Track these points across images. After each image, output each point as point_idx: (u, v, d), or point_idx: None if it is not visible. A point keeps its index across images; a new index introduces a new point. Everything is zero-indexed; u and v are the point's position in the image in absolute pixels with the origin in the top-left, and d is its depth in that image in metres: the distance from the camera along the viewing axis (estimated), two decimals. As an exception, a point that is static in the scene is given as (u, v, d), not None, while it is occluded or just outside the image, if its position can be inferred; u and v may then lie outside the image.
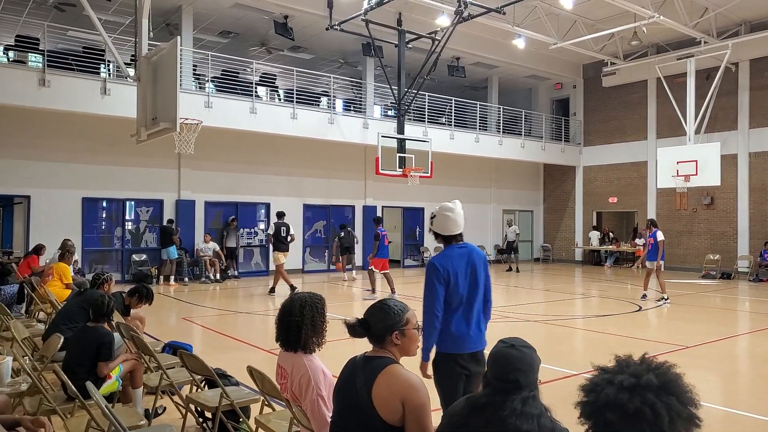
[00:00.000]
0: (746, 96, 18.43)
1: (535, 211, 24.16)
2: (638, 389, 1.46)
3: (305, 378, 2.91)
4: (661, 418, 1.43)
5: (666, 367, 1.54)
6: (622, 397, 1.46)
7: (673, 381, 1.50)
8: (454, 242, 3.60)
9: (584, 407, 1.55)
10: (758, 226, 18.22)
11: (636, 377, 1.49)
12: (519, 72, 21.33)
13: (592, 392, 1.53)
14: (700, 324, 10.35)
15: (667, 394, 1.46)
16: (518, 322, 10.07)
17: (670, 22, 15.63)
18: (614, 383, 1.49)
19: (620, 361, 1.59)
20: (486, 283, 3.58)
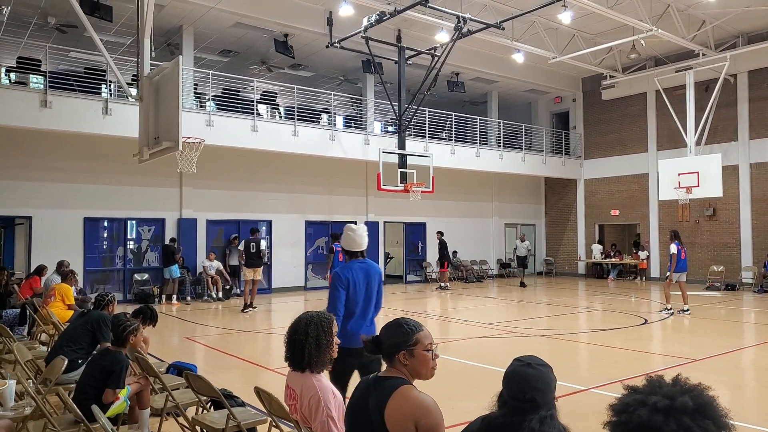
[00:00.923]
0: (745, 107, 18.50)
1: (537, 224, 24.13)
2: (673, 412, 1.40)
3: (315, 399, 2.86)
4: None
5: (701, 388, 1.49)
6: (657, 420, 1.40)
7: (709, 404, 1.44)
8: (356, 258, 4.40)
9: (615, 428, 1.47)
10: (761, 236, 18.17)
11: (670, 399, 1.43)
12: (518, 86, 21.44)
13: (624, 413, 1.46)
14: (707, 336, 10.27)
15: (704, 418, 1.40)
16: (524, 337, 9.99)
17: (668, 35, 15.74)
18: (647, 405, 1.43)
19: (652, 381, 1.52)
20: (378, 292, 4.42)
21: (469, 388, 6.59)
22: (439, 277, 18.59)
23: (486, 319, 11.79)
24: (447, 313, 13.32)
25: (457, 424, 2.43)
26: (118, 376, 4.23)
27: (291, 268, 17.52)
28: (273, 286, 17.17)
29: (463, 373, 7.50)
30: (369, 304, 4.33)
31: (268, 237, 17.24)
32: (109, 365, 4.24)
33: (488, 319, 11.79)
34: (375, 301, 4.38)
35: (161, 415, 4.62)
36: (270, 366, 7.83)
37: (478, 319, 11.82)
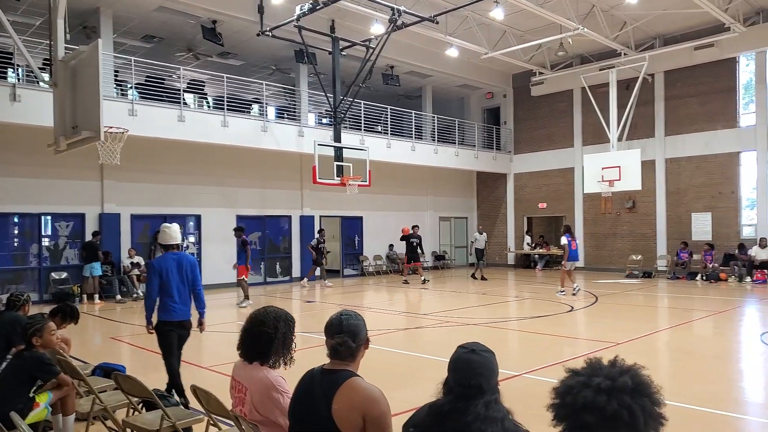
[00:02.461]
0: (662, 105, 19.60)
1: (469, 217, 24.65)
2: (615, 392, 1.47)
3: (270, 391, 2.85)
4: (637, 420, 1.45)
5: (637, 369, 1.57)
6: (600, 400, 1.46)
7: (645, 383, 1.53)
8: (171, 250, 5.46)
9: (559, 410, 1.53)
10: (674, 227, 19.36)
11: (612, 379, 1.50)
12: (452, 81, 21.75)
13: (568, 395, 1.52)
14: (627, 321, 10.82)
15: (641, 396, 1.49)
16: (458, 326, 10.15)
17: (592, 34, 16.40)
18: (591, 386, 1.49)
19: (592, 364, 1.59)
20: (193, 279, 5.52)
21: (404, 377, 6.62)
22: (404, 270, 18.25)
23: (421, 310, 11.89)
24: (383, 306, 13.34)
25: (397, 414, 2.41)
26: (48, 365, 3.94)
27: (221, 265, 17.01)
28: (203, 282, 16.60)
29: (398, 363, 7.52)
30: (184, 288, 5.42)
31: (197, 232, 16.66)
32: (30, 363, 3.92)
33: (424, 310, 11.89)
34: (190, 286, 5.48)
35: (87, 420, 4.33)
36: (204, 364, 7.55)
37: (415, 311, 11.90)
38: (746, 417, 5.34)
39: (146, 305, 5.42)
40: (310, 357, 2.63)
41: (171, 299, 5.35)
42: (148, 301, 5.40)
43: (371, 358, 7.95)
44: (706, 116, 18.74)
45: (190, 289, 5.50)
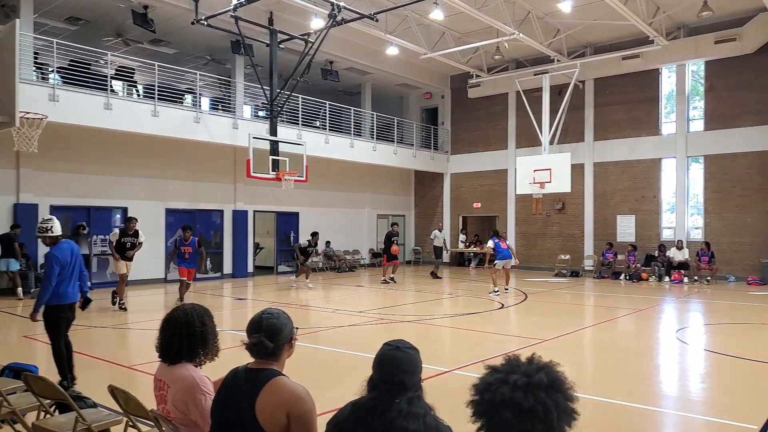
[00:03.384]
0: (591, 111, 20.43)
1: (407, 215, 24.85)
2: (531, 388, 1.51)
3: (192, 390, 2.77)
4: (551, 415, 1.49)
5: (552, 365, 1.61)
6: (517, 396, 1.50)
7: (559, 379, 1.57)
8: (62, 239, 5.85)
9: (478, 406, 1.56)
10: (600, 228, 20.23)
11: (528, 376, 1.54)
12: (391, 80, 21.83)
13: (487, 391, 1.55)
14: (555, 318, 11.20)
15: (555, 392, 1.53)
16: (392, 323, 10.18)
17: (527, 40, 16.86)
18: (509, 383, 1.53)
19: (510, 361, 1.63)
20: (81, 263, 6.00)
21: (338, 375, 6.59)
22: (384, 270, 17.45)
23: (357, 308, 11.86)
24: (318, 303, 13.22)
25: (327, 412, 2.38)
26: None
27: (149, 260, 16.35)
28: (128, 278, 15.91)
29: (333, 362, 7.46)
30: (74, 273, 5.85)
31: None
32: None
33: (359, 308, 11.87)
34: (79, 270, 5.94)
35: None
36: (125, 363, 7.20)
37: (349, 308, 11.86)
38: (661, 410, 5.62)
39: (44, 293, 5.62)
40: (241, 356, 2.53)
41: (67, 284, 5.74)
42: (48, 289, 5.61)
43: (305, 356, 7.86)
44: (632, 123, 19.69)
45: (79, 273, 5.97)
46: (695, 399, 5.98)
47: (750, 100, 17.34)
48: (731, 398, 5.85)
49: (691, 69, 18.93)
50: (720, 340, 9.28)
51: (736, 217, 17.75)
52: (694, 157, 18.76)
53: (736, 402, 5.66)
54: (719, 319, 11.24)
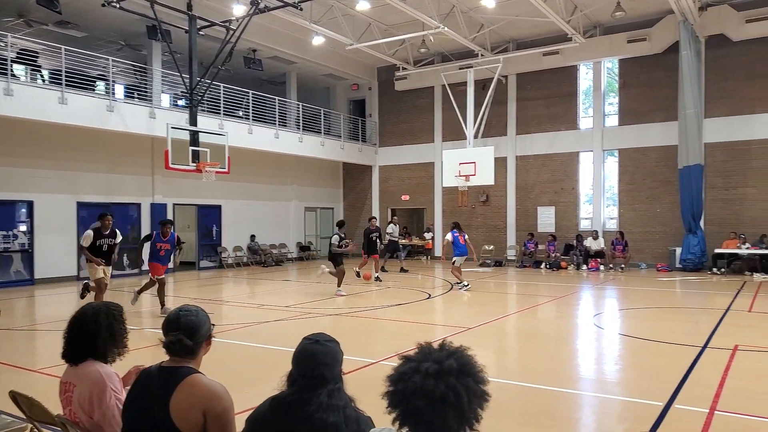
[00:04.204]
0: (513, 106, 20.98)
1: (335, 208, 24.65)
2: (442, 374, 1.53)
3: (99, 385, 2.66)
4: (461, 399, 1.51)
5: (462, 350, 1.63)
6: (429, 384, 1.52)
7: (469, 363, 1.59)
8: None
9: (392, 397, 1.58)
10: (522, 220, 20.87)
11: (439, 363, 1.55)
12: (317, 70, 21.50)
13: (400, 382, 1.57)
14: (479, 307, 11.41)
15: (465, 376, 1.55)
16: (320, 317, 10.01)
17: (452, 34, 17.05)
18: (420, 371, 1.54)
19: (423, 349, 1.64)
20: None
21: (262, 371, 6.42)
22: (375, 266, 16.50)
23: (283, 303, 11.60)
24: (243, 299, 12.83)
25: (249, 409, 2.25)
26: None
27: (60, 257, 15.33)
28: (36, 276, 14.87)
29: (256, 358, 7.24)
30: None
31: (29, 220, 14.82)
32: None
33: (286, 302, 11.61)
34: None
35: None
36: (29, 367, 6.65)
37: (276, 303, 11.58)
38: (579, 392, 5.78)
39: None
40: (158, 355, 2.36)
41: None
42: None
43: (228, 353, 7.56)
44: (551, 118, 20.39)
45: None
46: (609, 380, 6.20)
47: (659, 97, 18.36)
48: (642, 378, 6.11)
49: (607, 66, 19.82)
50: (632, 324, 9.75)
51: (647, 207, 18.78)
52: (609, 150, 19.68)
53: (646, 381, 5.92)
54: (632, 304, 11.83)
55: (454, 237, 13.67)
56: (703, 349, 7.13)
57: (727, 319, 9.33)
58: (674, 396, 5.20)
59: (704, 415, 4.68)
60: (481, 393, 1.58)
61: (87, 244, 9.48)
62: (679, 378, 5.79)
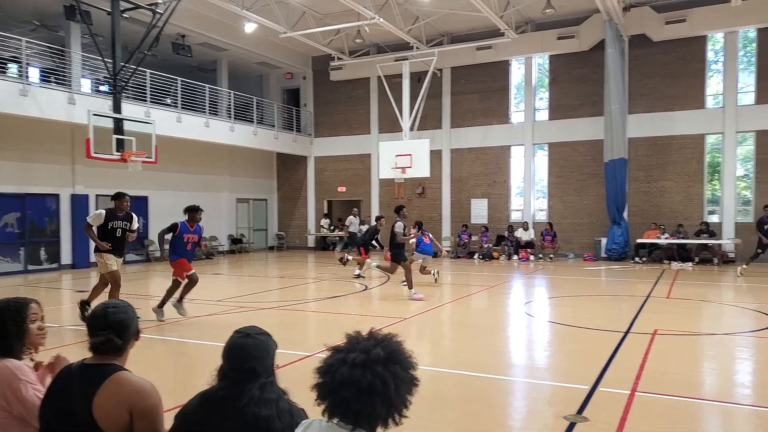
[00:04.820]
0: (448, 99, 21.22)
1: (269, 199, 24.17)
2: (369, 363, 1.54)
3: (7, 379, 2.50)
4: (389, 387, 1.53)
5: (390, 338, 1.64)
6: (356, 374, 1.53)
7: (396, 350, 1.61)
8: None
9: (321, 388, 1.59)
10: (457, 211, 21.21)
11: (366, 353, 1.56)
12: (250, 57, 20.95)
13: (328, 373, 1.58)
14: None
15: (393, 364, 1.56)
16: (254, 311, 9.77)
17: (387, 25, 17.00)
18: (347, 362, 1.56)
19: (351, 339, 1.65)
20: None
21: (193, 367, 6.25)
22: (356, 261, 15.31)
23: (215, 297, 11.25)
24: (171, 293, 12.33)
25: (180, 406, 2.13)
26: None
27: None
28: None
29: (188, 353, 6.98)
30: None
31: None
32: None
33: (218, 297, 11.27)
34: None
35: None
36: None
37: (207, 297, 11.20)
38: (512, 378, 5.89)
39: None
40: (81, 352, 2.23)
41: None
42: None
43: (156, 349, 7.23)
44: (485, 112, 20.77)
45: None
46: (540, 366, 6.36)
47: (587, 93, 19.05)
48: (569, 363, 6.31)
49: (538, 62, 20.37)
50: (561, 311, 10.08)
51: (575, 199, 19.51)
52: (539, 144, 20.27)
53: (574, 366, 6.11)
54: (560, 292, 12.24)
55: (418, 237, 13.40)
56: (626, 334, 7.45)
57: (648, 306, 9.81)
58: (599, 379, 5.39)
59: (626, 396, 4.86)
60: (409, 379, 1.59)
61: (96, 224, 7.86)
62: (604, 362, 6.00)
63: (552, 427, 4.33)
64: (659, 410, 4.68)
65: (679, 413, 4.68)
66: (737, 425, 4.58)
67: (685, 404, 4.87)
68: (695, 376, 5.84)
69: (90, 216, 8.14)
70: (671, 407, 4.77)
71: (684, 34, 17.53)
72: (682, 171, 18.22)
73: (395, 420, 1.60)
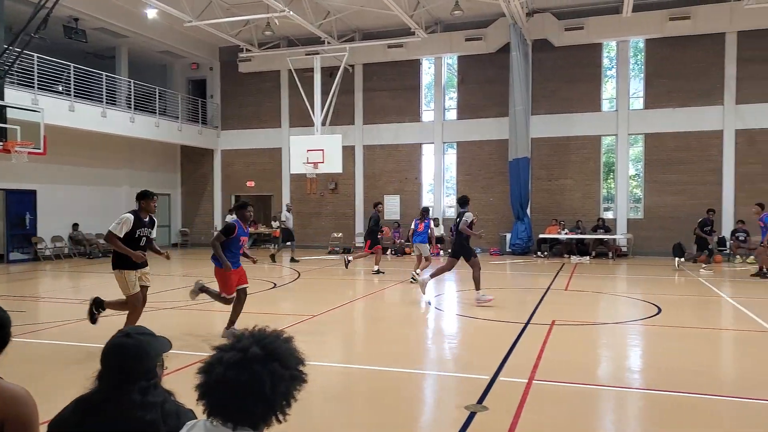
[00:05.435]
0: (360, 96, 21.23)
1: (172, 194, 23.12)
2: (245, 363, 1.52)
3: None
4: (264, 385, 1.50)
5: (273, 335, 1.61)
6: (231, 374, 1.51)
7: (278, 348, 1.58)
8: None
9: (200, 389, 1.57)
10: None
11: (243, 351, 1.54)
12: (152, 46, 19.91)
13: (206, 373, 1.56)
14: (326, 294, 11.37)
15: (272, 362, 1.54)
16: (152, 311, 9.24)
17: (298, 19, 16.72)
18: (224, 361, 1.54)
19: (234, 337, 1.62)
20: None
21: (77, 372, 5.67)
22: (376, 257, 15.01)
23: (111, 297, 10.54)
24: (63, 294, 11.47)
25: None
26: None
27: None
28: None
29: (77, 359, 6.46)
30: None
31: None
32: None
33: (115, 297, 10.57)
34: None
35: None
36: None
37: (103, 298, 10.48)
38: (419, 371, 5.93)
39: None
40: None
41: None
42: None
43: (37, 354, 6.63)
44: (396, 110, 20.98)
45: None
46: (446, 358, 6.47)
47: (493, 93, 19.70)
48: (473, 354, 6.47)
49: (447, 62, 20.82)
50: (468, 305, 10.32)
51: (482, 197, 20.13)
52: (449, 143, 20.74)
53: (477, 357, 6.27)
54: (467, 286, 12.54)
55: (414, 224, 13.33)
56: (526, 325, 7.74)
57: (547, 298, 10.29)
58: (500, 369, 5.55)
59: (524, 384, 5.03)
60: (290, 377, 1.56)
61: (122, 233, 6.34)
62: (505, 352, 6.19)
63: (453, 417, 4.38)
64: (555, 396, 4.88)
65: (574, 398, 4.90)
66: (627, 407, 4.86)
67: (580, 390, 5.10)
68: (589, 363, 6.15)
69: (115, 223, 6.44)
70: (566, 393, 4.99)
71: (582, 41, 18.56)
72: (581, 170, 19.31)
73: (278, 418, 1.58)
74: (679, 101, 18.26)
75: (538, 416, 4.38)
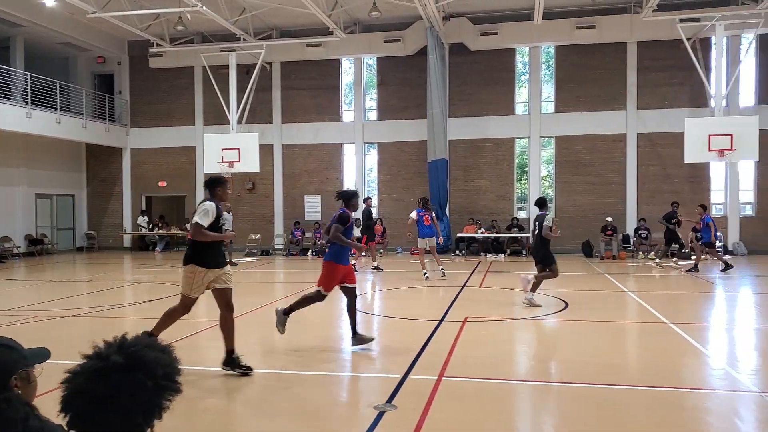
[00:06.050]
0: (279, 94, 20.85)
1: (77, 195, 21.75)
2: (105, 372, 1.45)
3: None
4: (121, 398, 1.44)
5: (139, 343, 1.54)
6: (88, 385, 1.44)
7: (143, 356, 1.50)
8: None
9: (60, 400, 1.48)
10: (290, 208, 20.95)
11: (104, 360, 1.47)
12: (52, 37, 18.62)
13: (67, 383, 1.48)
14: (242, 297, 10.89)
15: (135, 371, 1.46)
16: (51, 319, 8.61)
17: (212, 14, 16.18)
18: (83, 371, 1.47)
19: (99, 346, 1.55)
20: None
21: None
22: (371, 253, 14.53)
23: (5, 305, 9.74)
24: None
25: None
26: None
27: None
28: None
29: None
30: None
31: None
32: None
33: (8, 305, 9.77)
34: None
35: None
36: None
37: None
38: (333, 373, 5.83)
39: None
40: None
41: None
42: None
43: None
44: (316, 109, 20.77)
45: None
46: (358, 359, 6.39)
47: (412, 95, 19.93)
48: (386, 354, 6.47)
49: (367, 63, 20.85)
50: (386, 304, 10.38)
51: (402, 197, 20.31)
52: (370, 143, 20.78)
53: (390, 357, 6.28)
54: (387, 285, 12.59)
55: (418, 216, 12.46)
56: (440, 322, 7.84)
57: (462, 294, 10.49)
58: (411, 367, 5.55)
59: (433, 381, 5.05)
60: (155, 387, 1.47)
61: (210, 219, 5.54)
62: (417, 350, 6.22)
63: (362, 416, 4.34)
64: (463, 392, 4.93)
65: (482, 394, 4.97)
66: (535, 401, 4.98)
67: (488, 385, 5.19)
68: (498, 358, 6.28)
69: (201, 215, 5.54)
70: (475, 389, 5.06)
71: (496, 46, 19.14)
72: (496, 171, 19.91)
73: (143, 429, 1.49)
74: (587, 106, 19.24)
75: (446, 413, 4.40)
